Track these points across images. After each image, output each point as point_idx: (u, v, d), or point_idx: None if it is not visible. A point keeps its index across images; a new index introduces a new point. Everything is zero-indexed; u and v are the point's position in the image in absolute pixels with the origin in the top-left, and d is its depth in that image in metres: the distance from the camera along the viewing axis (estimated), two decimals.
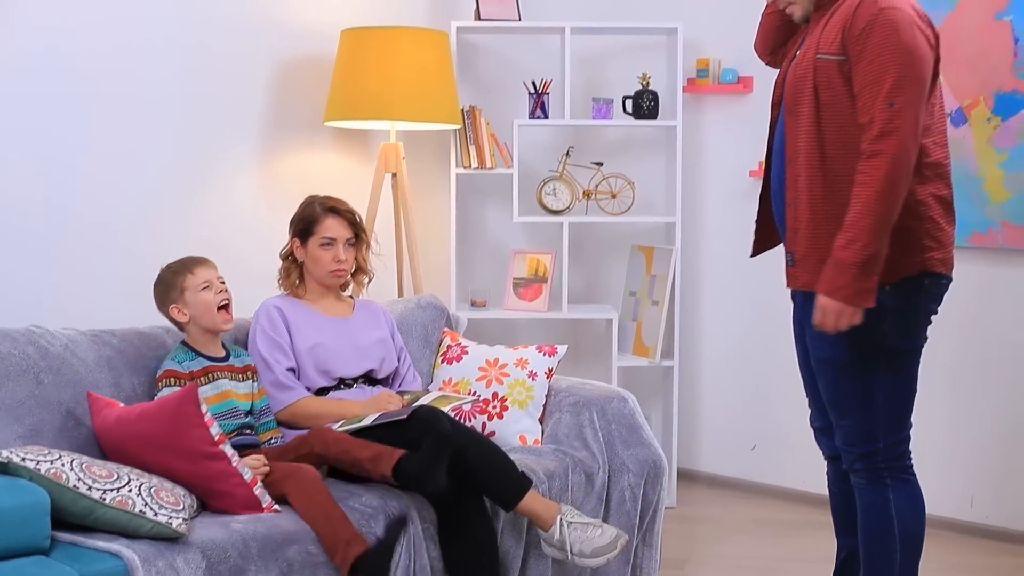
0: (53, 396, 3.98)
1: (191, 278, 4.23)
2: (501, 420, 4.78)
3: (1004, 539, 5.51)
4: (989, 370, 5.56)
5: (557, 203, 6.16)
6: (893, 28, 3.61)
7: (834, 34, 3.71)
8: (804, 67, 3.79)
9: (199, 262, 4.28)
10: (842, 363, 3.82)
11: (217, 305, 4.24)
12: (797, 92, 3.81)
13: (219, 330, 4.28)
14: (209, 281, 4.24)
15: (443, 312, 5.21)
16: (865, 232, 3.56)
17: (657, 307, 6.11)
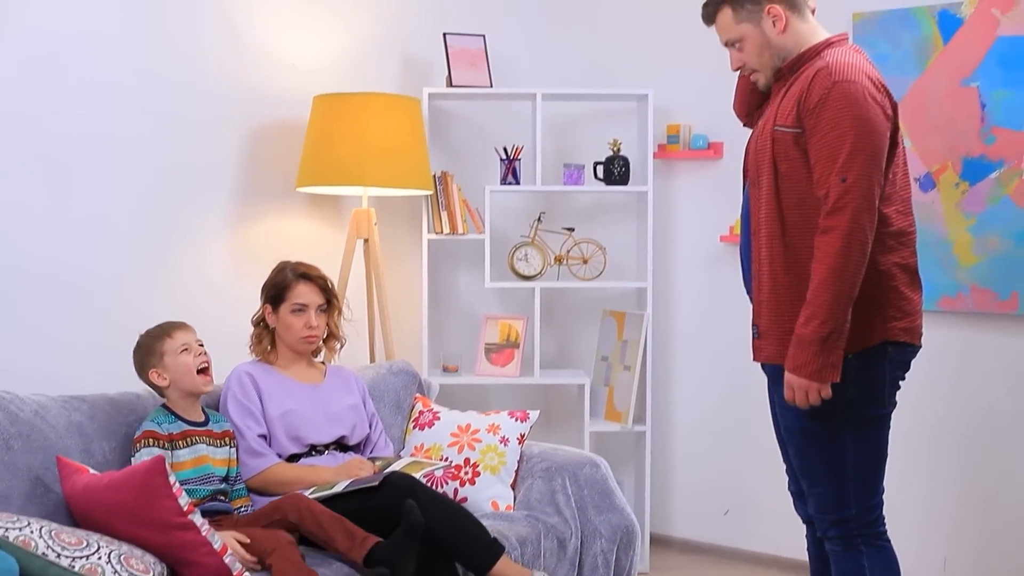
0: (22, 462, 3.95)
1: (170, 342, 4.22)
2: (473, 486, 4.76)
3: None
4: (961, 434, 5.57)
5: (529, 268, 6.17)
6: (847, 101, 3.64)
7: (790, 106, 3.75)
8: (764, 139, 3.83)
9: (177, 326, 4.28)
10: (810, 431, 3.82)
11: (196, 368, 4.24)
12: (758, 163, 3.85)
13: (199, 392, 4.27)
14: (188, 344, 4.24)
15: (415, 378, 5.20)
16: (823, 308, 3.59)
17: (629, 372, 6.12)
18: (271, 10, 5.57)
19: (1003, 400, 5.45)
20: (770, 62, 3.91)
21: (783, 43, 3.88)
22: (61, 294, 4.82)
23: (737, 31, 3.91)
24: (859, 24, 5.71)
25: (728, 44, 3.98)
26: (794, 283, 3.76)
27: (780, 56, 3.89)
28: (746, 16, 3.88)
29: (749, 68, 3.97)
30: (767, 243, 3.80)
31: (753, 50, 3.91)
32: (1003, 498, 5.46)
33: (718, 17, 3.96)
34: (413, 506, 3.98)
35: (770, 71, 3.92)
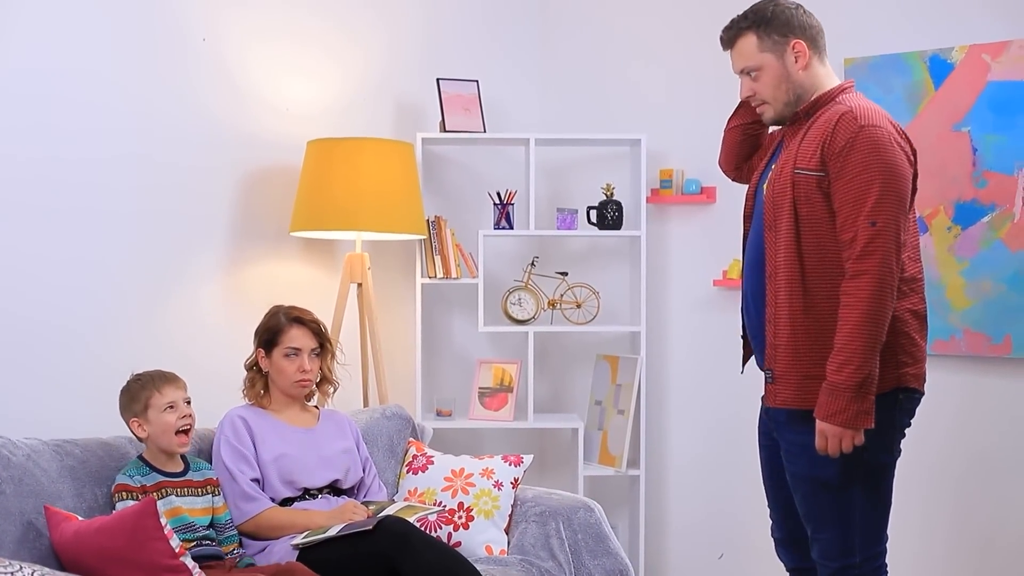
0: (14, 506, 3.94)
1: (157, 396, 4.21)
2: (467, 530, 4.75)
3: None
4: (956, 478, 5.56)
5: (522, 313, 6.17)
6: (875, 146, 3.64)
7: (812, 149, 3.73)
8: (782, 182, 3.80)
9: (169, 381, 4.26)
10: (820, 479, 3.80)
11: (177, 429, 4.22)
12: (775, 207, 3.82)
13: (174, 452, 4.26)
14: (174, 403, 4.22)
15: (408, 422, 5.20)
16: (857, 354, 3.56)
17: (623, 416, 6.11)
18: (265, 55, 5.59)
19: (997, 443, 5.45)
20: (784, 97, 3.90)
21: (801, 81, 3.88)
22: (54, 337, 4.82)
23: (758, 59, 3.90)
24: (851, 69, 5.73)
25: (743, 72, 3.96)
26: (813, 327, 3.75)
27: (795, 93, 3.89)
28: (770, 46, 3.88)
29: (760, 99, 3.95)
30: (786, 287, 3.79)
31: (770, 82, 3.90)
32: (999, 542, 5.45)
33: (739, 42, 3.93)
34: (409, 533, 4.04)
35: (782, 106, 3.92)
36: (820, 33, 3.93)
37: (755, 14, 3.90)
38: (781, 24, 3.86)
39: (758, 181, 4.01)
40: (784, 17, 3.86)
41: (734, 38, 3.94)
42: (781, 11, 3.88)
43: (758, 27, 3.87)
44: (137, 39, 5.10)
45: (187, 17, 5.29)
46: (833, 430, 3.62)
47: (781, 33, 3.86)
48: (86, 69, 4.92)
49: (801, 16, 3.89)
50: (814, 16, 3.95)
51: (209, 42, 5.37)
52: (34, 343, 4.76)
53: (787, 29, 3.86)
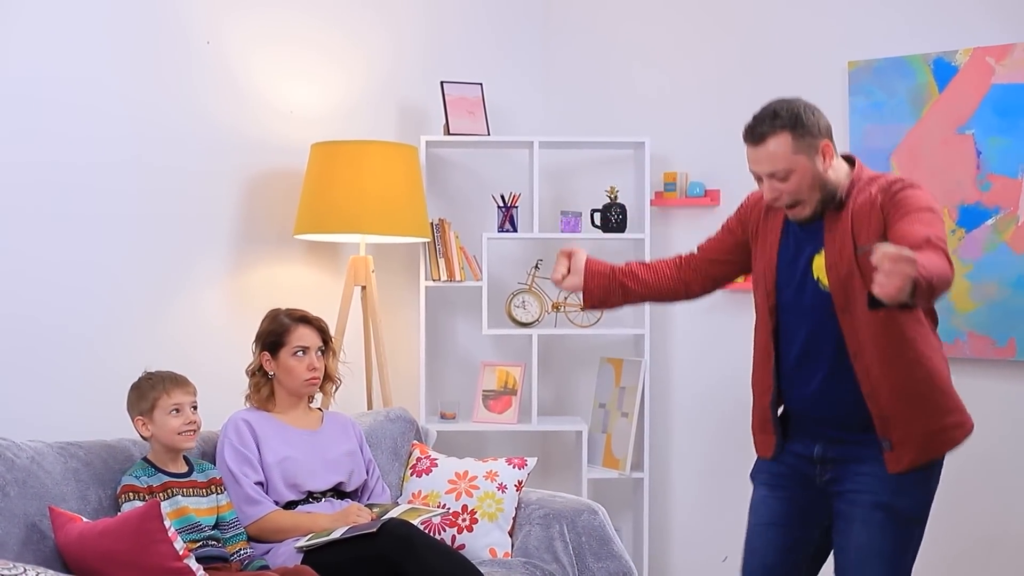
0: (19, 508, 3.94)
1: (165, 398, 4.21)
2: (471, 533, 4.76)
3: None
4: (959, 480, 5.54)
5: (526, 315, 6.18)
6: (922, 195, 3.69)
7: (866, 225, 3.73)
8: (846, 266, 3.75)
9: (178, 384, 4.27)
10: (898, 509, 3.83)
11: (180, 431, 4.22)
12: (846, 291, 3.76)
13: (178, 449, 4.26)
14: (180, 407, 4.22)
15: (412, 425, 5.20)
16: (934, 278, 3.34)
17: (627, 419, 6.11)
18: (268, 59, 5.60)
19: (1000, 446, 5.44)
20: (819, 195, 3.80)
21: (829, 178, 3.80)
22: (57, 341, 4.82)
23: (791, 161, 3.77)
24: (854, 72, 5.73)
25: (772, 175, 3.82)
26: (921, 385, 3.79)
27: (828, 190, 3.81)
28: (804, 148, 3.76)
29: (792, 200, 3.83)
30: (879, 360, 3.75)
31: (805, 183, 3.78)
32: (1002, 543, 5.45)
33: (772, 141, 3.78)
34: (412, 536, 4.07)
35: (818, 204, 3.81)
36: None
37: (789, 115, 3.77)
38: (812, 125, 3.78)
39: (777, 276, 3.95)
40: (814, 119, 3.79)
41: (765, 136, 3.78)
42: (811, 112, 3.80)
43: (793, 128, 3.75)
44: (140, 43, 5.10)
45: (190, 20, 5.30)
46: (909, 276, 3.23)
47: (813, 135, 3.77)
48: (89, 73, 4.92)
49: (823, 117, 3.83)
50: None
51: (212, 45, 5.38)
52: (38, 347, 4.77)
53: (817, 131, 3.78)
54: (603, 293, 4.14)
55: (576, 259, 4.10)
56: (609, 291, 4.14)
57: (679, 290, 4.23)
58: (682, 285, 4.22)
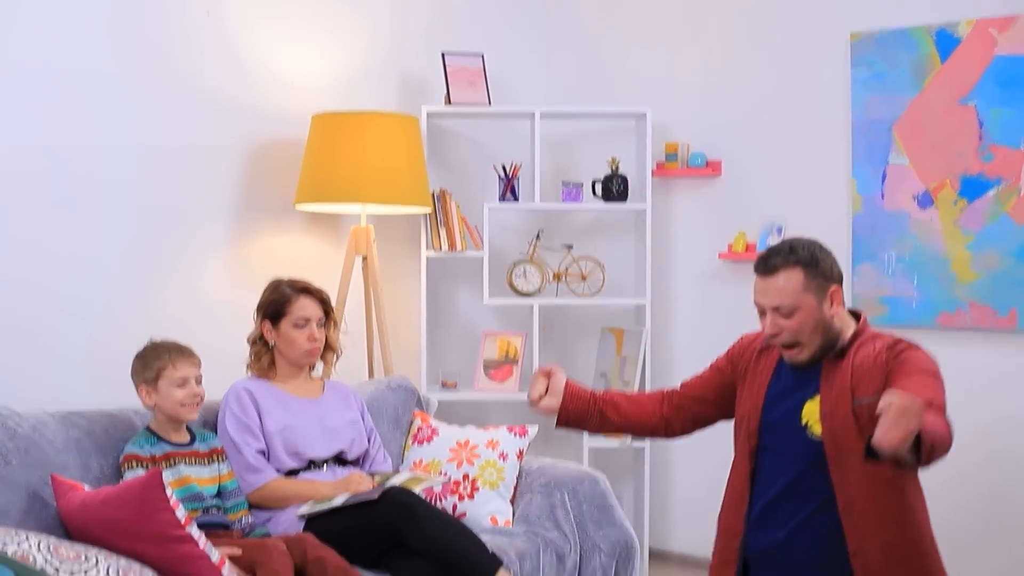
0: (21, 477, 3.95)
1: (171, 370, 4.21)
2: (472, 501, 4.77)
3: None
4: (960, 450, 5.54)
5: (527, 285, 6.18)
6: (926, 357, 3.66)
7: (870, 377, 3.63)
8: (841, 417, 3.64)
9: (185, 356, 4.27)
10: None
11: (184, 403, 4.23)
12: (839, 444, 3.64)
13: (180, 420, 4.27)
14: (186, 379, 4.23)
15: (413, 394, 5.20)
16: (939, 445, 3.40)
17: (628, 388, 6.12)
18: (269, 30, 5.59)
19: (1002, 417, 5.45)
20: (820, 340, 3.70)
21: (833, 324, 3.72)
22: (58, 315, 4.81)
23: (800, 299, 3.68)
24: (856, 44, 5.73)
25: (777, 308, 3.71)
26: (913, 545, 3.70)
27: (830, 336, 3.72)
28: (815, 288, 3.69)
29: (792, 339, 3.72)
30: (874, 518, 3.65)
31: (809, 323, 3.68)
32: (1003, 513, 5.46)
33: (783, 274, 3.69)
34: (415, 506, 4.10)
35: (818, 349, 3.71)
36: None
37: (806, 252, 3.71)
38: (826, 268, 3.71)
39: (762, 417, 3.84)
40: (828, 262, 3.72)
41: (778, 268, 3.70)
42: (825, 256, 3.73)
43: (807, 266, 3.68)
44: (140, 14, 5.08)
45: None
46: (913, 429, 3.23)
47: (825, 277, 3.70)
48: (89, 46, 4.90)
49: (836, 264, 3.77)
50: None
51: (213, 16, 5.37)
52: (38, 321, 4.77)
53: (830, 274, 3.72)
54: (580, 417, 4.02)
55: (555, 380, 3.97)
56: (586, 416, 4.03)
57: (659, 427, 4.11)
58: (663, 422, 4.10)
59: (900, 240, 5.66)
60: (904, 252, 5.65)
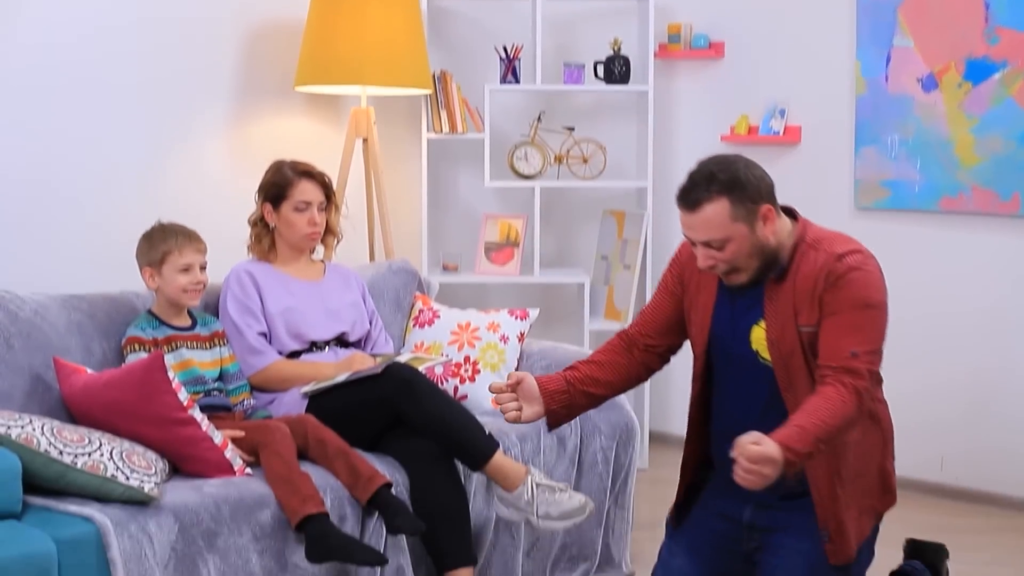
0: (23, 361, 3.96)
1: (176, 255, 4.19)
2: (473, 383, 4.79)
3: (974, 500, 5.55)
4: (959, 333, 5.58)
5: (528, 168, 6.15)
6: (866, 285, 3.43)
7: (809, 305, 3.45)
8: (788, 344, 3.48)
9: (192, 242, 4.25)
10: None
11: (187, 289, 4.23)
12: (788, 369, 3.50)
13: (181, 305, 4.27)
14: (190, 266, 4.22)
15: (415, 276, 5.20)
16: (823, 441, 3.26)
17: (629, 271, 6.12)
18: None
19: (1002, 300, 5.46)
20: (758, 263, 3.47)
21: (770, 242, 3.45)
22: (57, 199, 4.82)
23: (729, 229, 3.39)
24: None
25: (707, 243, 3.44)
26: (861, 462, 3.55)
27: (768, 255, 3.47)
28: (744, 214, 3.38)
29: (729, 267, 3.47)
30: None
31: (744, 250, 3.42)
32: (1002, 398, 5.49)
33: (708, 207, 3.39)
34: (419, 392, 4.12)
35: (756, 272, 3.48)
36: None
37: (728, 178, 3.38)
38: (753, 189, 3.38)
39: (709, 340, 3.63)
40: (755, 181, 3.40)
41: (700, 202, 3.39)
42: (750, 174, 3.40)
43: (731, 192, 3.36)
44: None
45: None
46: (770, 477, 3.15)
47: (753, 199, 3.38)
48: None
49: (765, 177, 3.44)
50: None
51: None
52: (38, 205, 4.77)
53: (758, 195, 3.39)
54: (568, 409, 3.72)
55: (525, 388, 3.61)
56: (573, 405, 3.72)
57: (642, 375, 3.86)
58: (643, 369, 3.84)
59: (903, 123, 5.63)
60: (907, 135, 5.62)
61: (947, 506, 5.52)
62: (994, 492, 5.48)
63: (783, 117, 5.96)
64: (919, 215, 5.63)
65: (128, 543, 3.47)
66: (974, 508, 5.50)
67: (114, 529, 3.46)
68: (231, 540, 3.69)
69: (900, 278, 5.65)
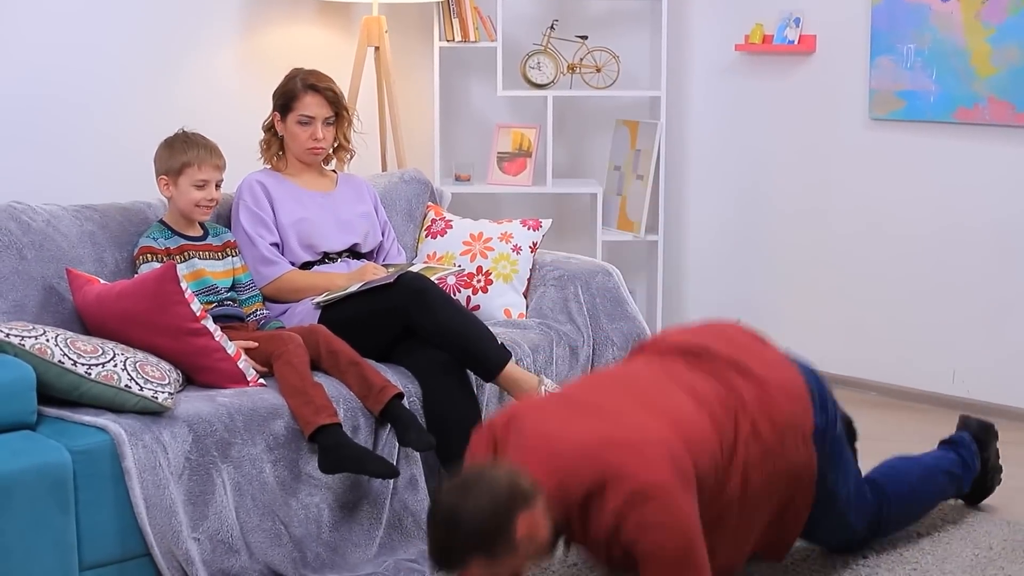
0: (36, 271, 3.97)
1: (194, 170, 4.19)
2: (486, 294, 4.79)
3: (985, 413, 5.55)
4: (974, 245, 5.56)
5: (541, 77, 6.11)
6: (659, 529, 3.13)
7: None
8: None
9: (211, 157, 4.24)
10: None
11: (199, 204, 4.22)
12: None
13: (193, 219, 4.27)
14: (207, 183, 4.21)
15: (427, 186, 5.19)
16: None
17: (642, 182, 6.10)
18: None
19: (1018, 213, 5.43)
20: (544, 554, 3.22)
21: (541, 543, 3.12)
22: (69, 104, 4.80)
23: (504, 569, 3.08)
24: None
25: None
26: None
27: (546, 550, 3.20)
28: (506, 553, 3.05)
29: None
30: None
31: (523, 570, 3.17)
32: (1014, 311, 5.47)
33: (471, 569, 3.06)
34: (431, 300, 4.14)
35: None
36: None
37: (475, 536, 3.01)
38: (505, 531, 3.02)
39: None
40: (504, 518, 3.02)
41: (459, 568, 3.08)
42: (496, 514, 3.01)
43: (485, 548, 3.02)
44: None
45: None
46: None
47: (509, 541, 3.03)
48: None
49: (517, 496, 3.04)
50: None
51: None
52: (47, 115, 4.76)
53: (511, 531, 3.03)
54: None
55: None
56: None
57: None
58: None
59: (919, 33, 5.57)
60: (923, 45, 5.56)
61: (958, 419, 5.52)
62: (1006, 405, 5.48)
63: (798, 26, 5.91)
64: (934, 126, 5.59)
65: (142, 453, 3.50)
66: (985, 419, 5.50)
67: (128, 439, 3.48)
68: (245, 450, 3.71)
69: (914, 189, 5.66)
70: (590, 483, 3.13)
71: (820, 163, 5.91)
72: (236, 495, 3.70)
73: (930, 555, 3.98)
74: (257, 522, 3.74)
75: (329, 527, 3.90)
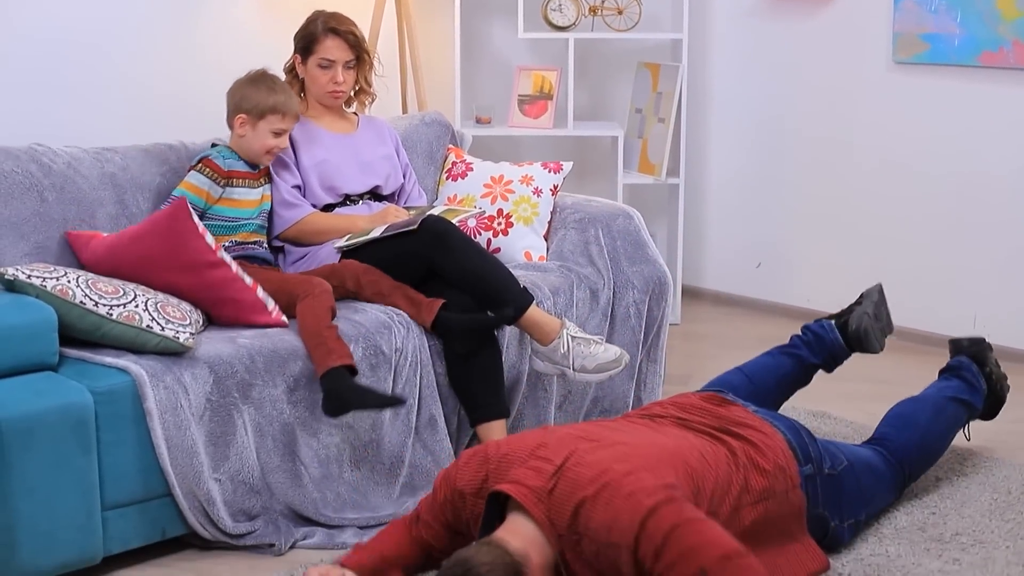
0: (57, 213, 3.99)
1: (278, 119, 4.25)
2: (507, 237, 4.79)
3: (1004, 358, 5.53)
4: (995, 190, 5.53)
5: (563, 19, 6.08)
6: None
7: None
8: None
9: (293, 111, 4.31)
10: None
11: (268, 151, 4.26)
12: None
13: (256, 163, 4.31)
14: (282, 131, 4.27)
15: (448, 129, 5.18)
16: None
17: (663, 125, 6.08)
18: None
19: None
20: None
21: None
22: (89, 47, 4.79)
23: None
24: None
25: None
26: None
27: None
28: None
29: None
30: None
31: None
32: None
33: None
34: (452, 237, 4.17)
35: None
36: None
37: None
38: None
39: None
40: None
41: None
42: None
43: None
44: None
45: None
46: None
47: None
48: None
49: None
50: None
51: None
52: (67, 59, 4.74)
53: None
54: None
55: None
56: None
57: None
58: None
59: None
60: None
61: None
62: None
63: None
64: (958, 70, 5.55)
65: (164, 394, 3.52)
66: (1005, 366, 5.47)
67: (150, 380, 3.50)
68: (265, 391, 3.73)
69: (937, 133, 5.63)
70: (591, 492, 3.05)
71: (843, 107, 5.88)
72: (257, 436, 3.72)
73: (949, 499, 3.98)
74: (278, 463, 3.77)
75: (350, 467, 3.92)
